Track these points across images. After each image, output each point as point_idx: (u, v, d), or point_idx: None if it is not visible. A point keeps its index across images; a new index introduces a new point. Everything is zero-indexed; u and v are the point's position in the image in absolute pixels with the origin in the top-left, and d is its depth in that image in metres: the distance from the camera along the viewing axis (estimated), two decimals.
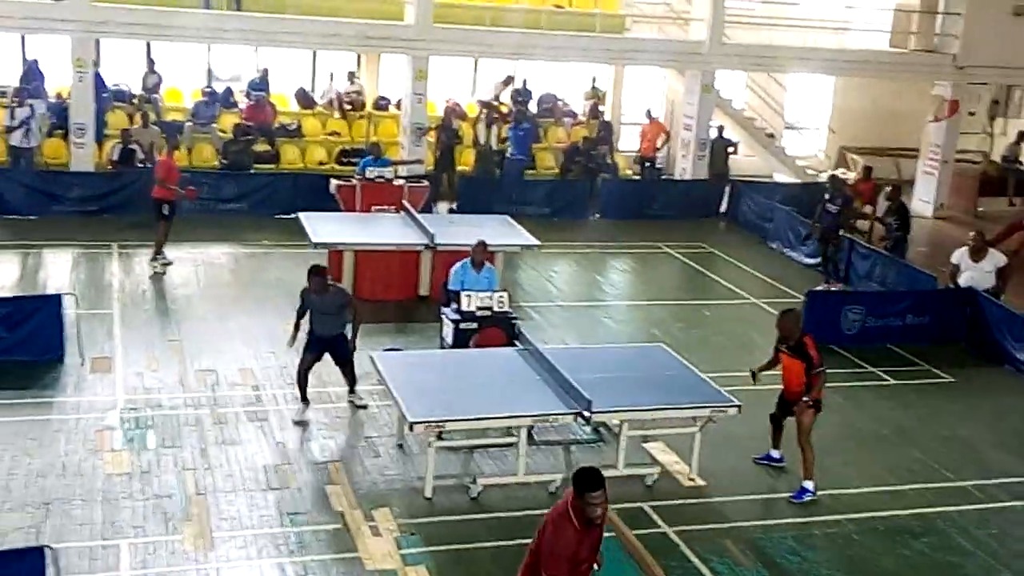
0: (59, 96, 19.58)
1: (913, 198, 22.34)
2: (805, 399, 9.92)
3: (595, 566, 6.63)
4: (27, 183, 17.85)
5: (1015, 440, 11.84)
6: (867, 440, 11.57)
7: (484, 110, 21.36)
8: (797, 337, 9.99)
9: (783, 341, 10.15)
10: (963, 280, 14.71)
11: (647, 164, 22.29)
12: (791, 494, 10.15)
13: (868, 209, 20.19)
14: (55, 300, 12.21)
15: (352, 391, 11.46)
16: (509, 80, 22.54)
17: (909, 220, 17.33)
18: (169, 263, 15.41)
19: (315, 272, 11.06)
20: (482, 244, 12.25)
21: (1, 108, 18.89)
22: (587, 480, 6.28)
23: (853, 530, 9.67)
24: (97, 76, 19.35)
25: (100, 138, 19.46)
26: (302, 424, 10.96)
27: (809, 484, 10.11)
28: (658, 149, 22.36)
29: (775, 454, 10.64)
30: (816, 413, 10.07)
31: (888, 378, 13.34)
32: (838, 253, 17.15)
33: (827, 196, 17.22)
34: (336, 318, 11.12)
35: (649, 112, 22.69)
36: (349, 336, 11.16)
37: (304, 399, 11.14)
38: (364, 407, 11.34)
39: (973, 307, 14.53)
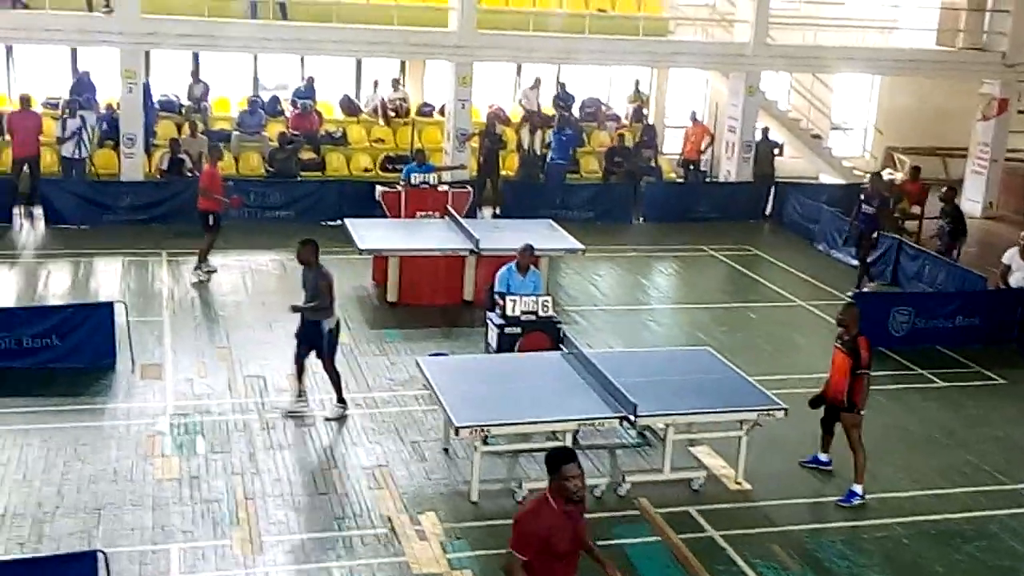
0: (109, 107, 19.88)
1: (962, 198, 22.01)
2: (857, 410, 9.85)
3: (607, 570, 6.39)
4: (78, 193, 18.15)
5: None
6: (917, 443, 11.44)
7: (527, 115, 21.40)
8: (854, 333, 9.91)
9: (840, 336, 10.07)
10: (1014, 281, 14.50)
11: (691, 167, 22.20)
12: (839, 498, 10.06)
13: (916, 210, 20.00)
14: (106, 308, 12.40)
15: (339, 399, 11.22)
16: (537, 83, 22.54)
17: (964, 223, 16.98)
18: (213, 270, 15.58)
19: (302, 242, 11.17)
20: (529, 248, 12.25)
21: (53, 120, 19.22)
22: (560, 456, 6.12)
23: (903, 534, 9.56)
24: (146, 87, 19.63)
25: (149, 148, 19.74)
26: (292, 416, 11.02)
27: (858, 488, 10.01)
28: (702, 152, 22.26)
29: (823, 457, 10.54)
30: (861, 417, 10.01)
31: (937, 380, 13.18)
32: (870, 254, 16.77)
33: (863, 197, 16.91)
34: (310, 300, 11.07)
35: (694, 115, 22.60)
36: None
37: (298, 390, 11.17)
38: (338, 419, 11.13)
39: None
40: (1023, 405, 12.65)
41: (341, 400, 11.26)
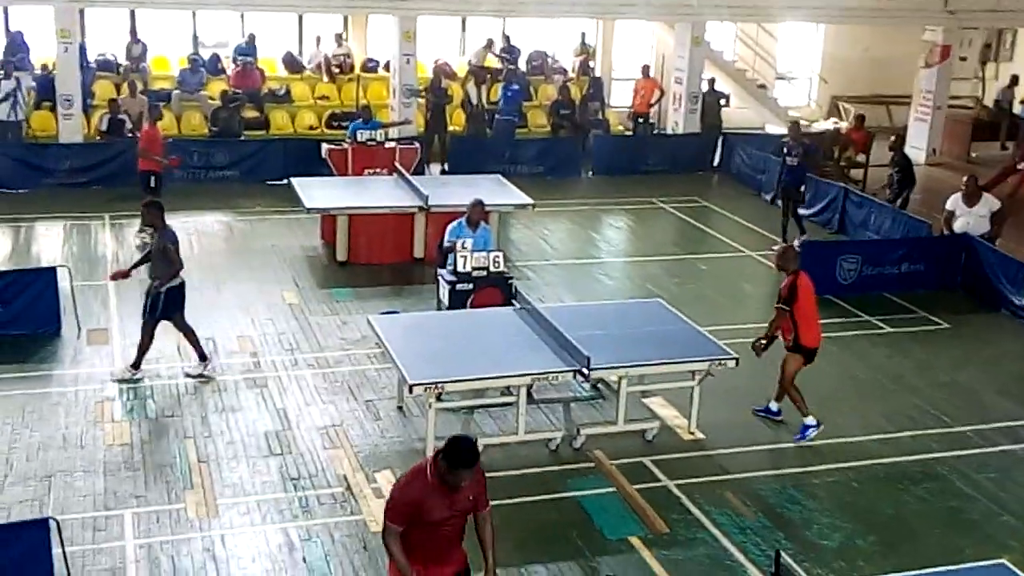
0: (44, 68, 19.40)
1: (906, 145, 22.21)
2: (757, 340, 10.18)
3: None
4: (16, 156, 17.74)
5: (1013, 384, 11.87)
6: (865, 388, 11.61)
7: (473, 69, 21.22)
8: (789, 271, 10.12)
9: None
10: (958, 226, 14.69)
11: (640, 120, 22.16)
12: (796, 436, 10.24)
13: (862, 158, 20.17)
14: (49, 273, 12.17)
15: (200, 356, 11.08)
16: (490, 43, 22.38)
17: (913, 173, 17.05)
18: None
19: (146, 205, 11.07)
20: (479, 203, 12.19)
21: None
22: (461, 456, 5.82)
23: (853, 478, 9.72)
24: (82, 46, 19.15)
25: (88, 109, 19.32)
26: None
27: (809, 420, 10.21)
28: (652, 105, 22.22)
29: (774, 407, 10.67)
30: (804, 361, 10.21)
31: (885, 326, 13.36)
32: (800, 206, 16.50)
33: (784, 149, 16.55)
34: (155, 264, 10.88)
35: (645, 68, 22.52)
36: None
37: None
38: (201, 376, 11.01)
39: (968, 253, 14.53)
40: (968, 349, 12.86)
41: (203, 357, 11.12)
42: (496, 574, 6.28)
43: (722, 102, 22.26)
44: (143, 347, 10.93)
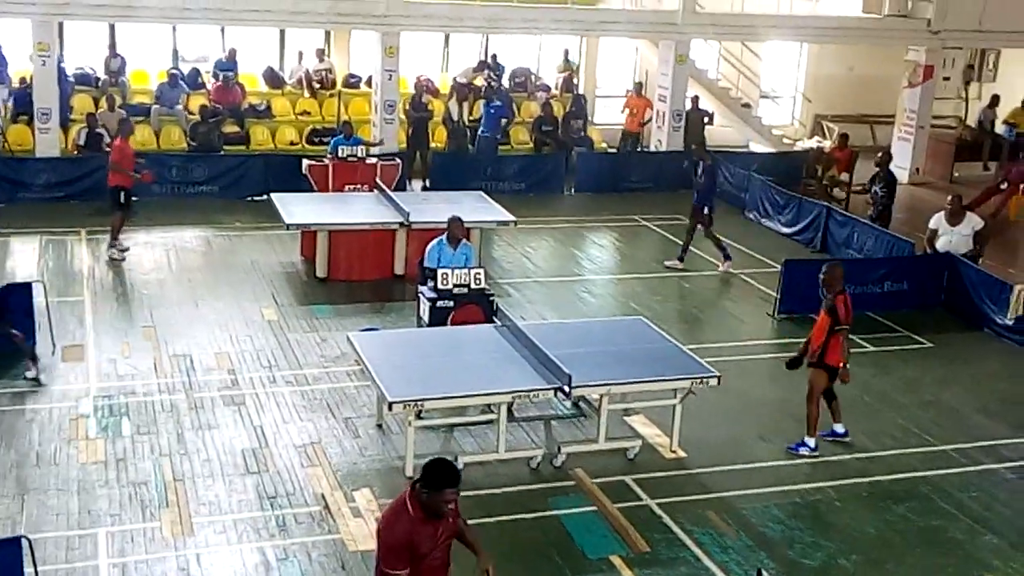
0: (22, 81, 19.24)
1: (889, 165, 22.29)
2: (808, 357, 10.08)
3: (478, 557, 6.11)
4: None
5: (995, 404, 11.85)
6: (848, 407, 11.48)
7: (455, 86, 21.19)
8: (836, 291, 10.01)
9: (823, 295, 10.20)
10: (940, 245, 14.70)
11: (632, 140, 22.06)
12: (789, 445, 10.27)
13: (845, 177, 20.20)
14: (24, 288, 11.97)
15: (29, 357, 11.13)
16: (482, 65, 22.36)
17: (895, 188, 16.98)
18: (126, 249, 15.15)
19: None
20: (458, 220, 12.10)
21: None
22: (444, 475, 5.74)
23: (835, 497, 9.65)
24: (60, 60, 19.01)
25: (66, 123, 19.16)
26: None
27: (810, 441, 10.23)
28: (644, 124, 22.17)
29: (839, 429, 10.55)
30: (830, 379, 10.19)
31: (867, 345, 13.31)
32: (709, 228, 15.96)
33: (696, 170, 16.10)
34: None
35: (639, 87, 22.47)
36: None
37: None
38: (35, 378, 11.01)
39: (951, 272, 14.53)
40: (951, 368, 12.84)
41: (32, 357, 11.12)
42: (490, 556, 6.14)
43: (706, 120, 22.28)
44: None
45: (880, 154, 17.33)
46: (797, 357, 10.40)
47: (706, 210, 15.95)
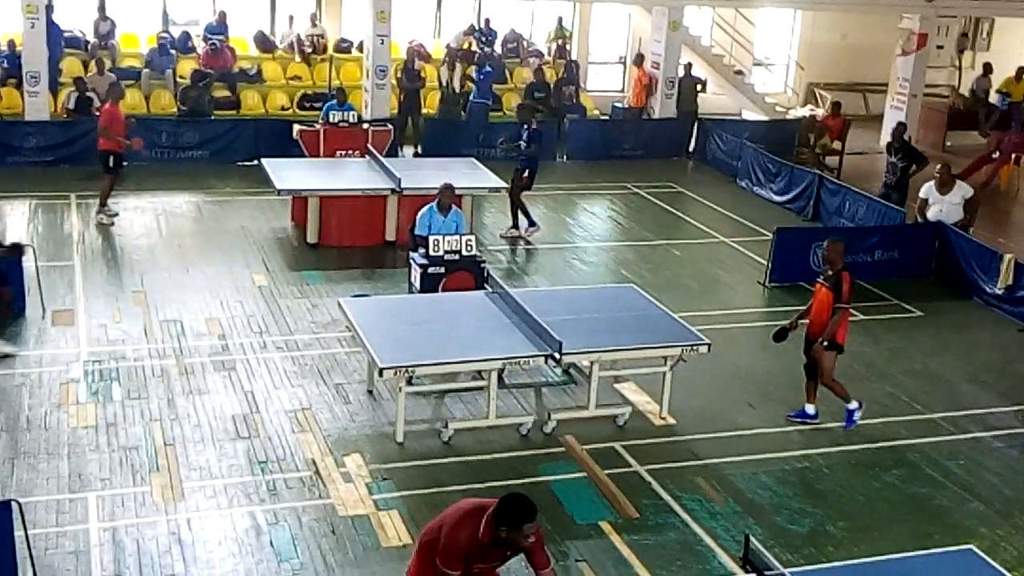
0: (11, 43, 19.07)
1: (881, 133, 22.30)
2: (820, 340, 9.93)
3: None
4: None
5: (984, 372, 11.90)
6: (838, 375, 11.57)
7: (451, 53, 21.06)
8: (839, 268, 9.96)
9: (824, 271, 10.16)
10: (931, 214, 14.71)
11: (637, 113, 21.88)
12: (841, 424, 10.26)
13: (837, 145, 20.17)
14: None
15: None
16: (472, 29, 22.20)
17: (917, 158, 16.41)
18: (115, 215, 15.07)
19: None
20: (449, 187, 12.07)
21: None
22: (521, 511, 5.71)
23: (824, 464, 9.70)
24: (50, 22, 18.82)
25: (55, 87, 19.01)
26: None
27: (852, 404, 10.23)
28: (651, 96, 21.95)
29: (810, 410, 10.42)
30: (837, 354, 10.11)
31: (858, 313, 13.25)
32: (522, 191, 15.43)
33: (522, 133, 15.38)
34: None
35: (639, 58, 22.24)
36: None
37: None
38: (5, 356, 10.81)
39: (942, 241, 14.55)
40: (940, 337, 12.88)
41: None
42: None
43: (699, 87, 22.19)
44: None
45: (896, 124, 17.17)
46: (784, 328, 10.39)
47: (526, 173, 15.43)
